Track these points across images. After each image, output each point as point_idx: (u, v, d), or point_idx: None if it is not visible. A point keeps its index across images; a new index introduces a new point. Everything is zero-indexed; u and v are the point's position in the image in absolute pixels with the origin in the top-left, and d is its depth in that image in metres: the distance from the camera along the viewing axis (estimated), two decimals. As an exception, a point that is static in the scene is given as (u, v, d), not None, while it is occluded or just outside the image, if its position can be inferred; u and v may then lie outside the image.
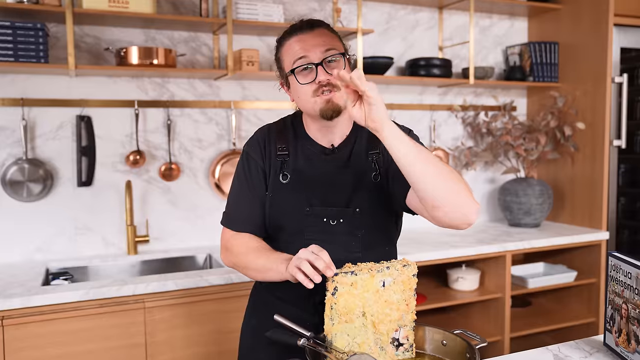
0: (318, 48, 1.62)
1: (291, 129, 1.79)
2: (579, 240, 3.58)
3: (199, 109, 3.28)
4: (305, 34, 1.65)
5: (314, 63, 1.61)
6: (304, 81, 1.63)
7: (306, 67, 1.62)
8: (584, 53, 3.77)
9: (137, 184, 3.17)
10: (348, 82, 1.37)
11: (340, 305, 1.44)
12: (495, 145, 3.90)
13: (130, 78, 3.13)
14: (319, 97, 1.62)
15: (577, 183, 3.87)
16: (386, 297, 1.47)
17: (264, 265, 1.61)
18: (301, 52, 1.63)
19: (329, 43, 1.64)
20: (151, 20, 2.96)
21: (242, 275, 2.62)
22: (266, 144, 1.76)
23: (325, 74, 1.61)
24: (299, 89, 1.65)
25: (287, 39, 1.68)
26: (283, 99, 3.44)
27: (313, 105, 1.64)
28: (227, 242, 1.77)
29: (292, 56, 1.65)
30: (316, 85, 1.61)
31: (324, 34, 1.66)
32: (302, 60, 1.62)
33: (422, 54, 3.84)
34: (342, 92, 1.55)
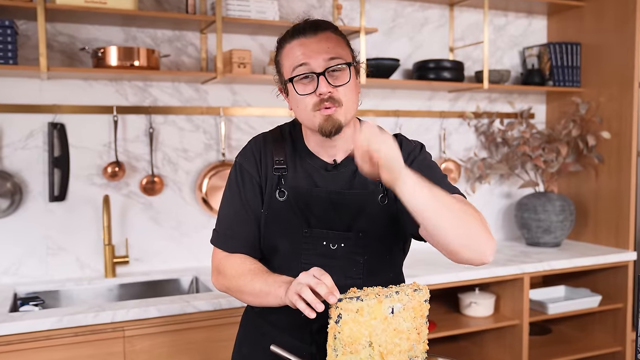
0: (321, 55, 1.61)
1: (289, 140, 1.79)
2: (604, 261, 3.60)
3: (185, 116, 3.30)
4: (308, 38, 1.64)
5: (315, 72, 1.60)
6: (304, 92, 1.62)
7: (307, 75, 1.61)
8: (609, 55, 3.81)
9: (116, 199, 3.18)
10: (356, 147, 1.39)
11: (344, 335, 1.44)
12: (512, 156, 3.93)
13: (108, 81, 3.15)
14: (318, 111, 1.62)
15: (602, 198, 3.89)
16: (395, 325, 1.48)
17: (262, 289, 1.60)
18: (302, 58, 1.61)
19: (334, 50, 1.63)
20: (132, 17, 2.98)
21: (233, 299, 2.64)
22: (262, 155, 1.76)
23: (328, 86, 1.60)
24: (297, 100, 1.64)
25: (288, 42, 1.67)
26: (278, 105, 3.46)
27: (312, 119, 1.63)
28: (219, 264, 1.76)
29: (292, 62, 1.64)
30: (317, 98, 1.61)
31: (329, 38, 1.65)
32: (303, 67, 1.61)
33: (431, 55, 3.87)
34: (342, 110, 1.62)
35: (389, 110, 3.74)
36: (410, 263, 2.26)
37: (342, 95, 1.62)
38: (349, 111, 1.64)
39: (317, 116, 1.62)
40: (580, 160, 3.96)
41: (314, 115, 1.62)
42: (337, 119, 1.61)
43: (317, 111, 1.62)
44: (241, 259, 1.73)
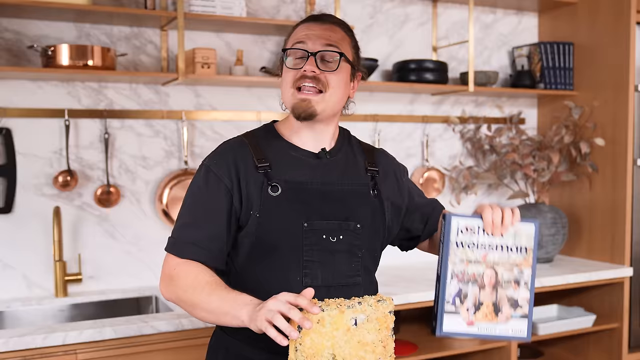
0: (319, 40, 1.82)
1: (266, 139, 1.91)
2: (597, 278, 3.69)
3: (144, 120, 3.35)
4: (315, 24, 1.87)
5: (308, 51, 1.80)
6: (291, 65, 1.83)
7: (301, 56, 1.82)
8: (603, 55, 3.92)
9: (68, 211, 3.22)
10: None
11: (306, 347, 1.52)
12: (500, 164, 4.01)
13: (59, 82, 3.19)
14: (297, 90, 1.81)
15: (596, 210, 3.99)
16: (359, 337, 1.55)
17: (219, 306, 1.67)
18: (302, 37, 1.83)
19: (334, 40, 1.84)
20: (85, 12, 3.01)
21: (196, 320, 2.69)
22: (238, 159, 1.84)
23: (314, 66, 1.79)
24: (284, 75, 1.86)
25: (299, 25, 1.90)
26: (246, 109, 3.52)
27: (289, 98, 1.83)
28: (171, 271, 1.81)
29: (293, 39, 1.86)
30: (299, 75, 1.80)
31: (335, 30, 1.86)
32: (300, 45, 1.82)
33: (413, 55, 3.95)
34: (324, 97, 1.79)
35: (366, 115, 3.82)
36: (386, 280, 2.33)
37: (328, 81, 1.80)
38: (330, 102, 1.82)
39: (294, 95, 1.81)
40: (573, 169, 4.06)
41: (292, 93, 1.82)
42: (312, 106, 1.80)
43: (296, 89, 1.80)
44: (198, 270, 1.77)
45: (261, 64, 3.53)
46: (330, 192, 1.85)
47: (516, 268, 1.72)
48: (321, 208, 1.83)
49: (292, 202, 1.81)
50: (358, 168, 1.94)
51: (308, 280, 1.79)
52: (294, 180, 1.83)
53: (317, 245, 1.80)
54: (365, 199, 1.90)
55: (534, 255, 1.73)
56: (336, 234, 1.83)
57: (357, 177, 1.92)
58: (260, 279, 1.81)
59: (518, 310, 1.72)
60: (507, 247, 1.73)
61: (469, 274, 1.71)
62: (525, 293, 1.73)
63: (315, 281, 1.79)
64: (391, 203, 1.96)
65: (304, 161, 1.88)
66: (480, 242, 1.72)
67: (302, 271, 1.79)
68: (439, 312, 1.70)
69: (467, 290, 1.71)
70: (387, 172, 2.01)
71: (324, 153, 1.90)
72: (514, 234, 1.73)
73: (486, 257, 1.72)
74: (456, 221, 1.72)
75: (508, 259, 1.72)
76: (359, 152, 2.00)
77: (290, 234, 1.80)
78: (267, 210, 1.80)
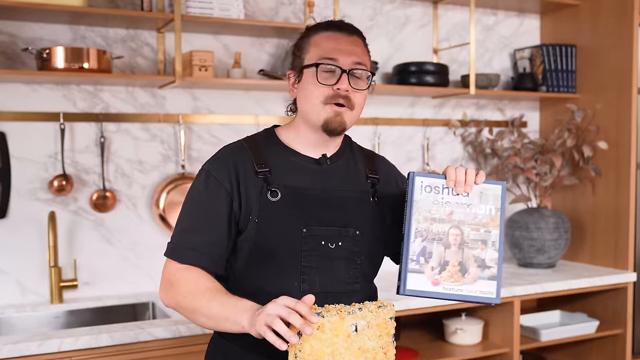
0: (351, 57, 1.83)
1: (266, 144, 1.92)
2: (601, 283, 3.70)
3: (140, 124, 3.35)
4: (342, 35, 1.87)
5: (341, 68, 1.81)
6: (323, 81, 1.82)
7: (331, 70, 1.82)
8: (606, 58, 3.93)
9: (63, 216, 3.22)
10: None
11: (305, 353, 1.52)
12: (502, 168, 4.02)
13: (54, 85, 3.19)
14: (329, 105, 1.81)
15: (600, 214, 4.00)
16: (360, 343, 1.56)
17: (220, 312, 1.68)
18: (333, 52, 1.83)
19: (361, 57, 1.86)
20: (81, 14, 3.02)
21: (194, 326, 2.70)
22: (237, 164, 1.86)
23: (348, 85, 1.81)
24: (310, 89, 1.84)
25: (321, 31, 1.88)
26: (244, 112, 3.52)
27: (318, 112, 1.83)
28: (172, 277, 1.82)
29: (321, 51, 1.84)
30: (333, 92, 1.81)
31: (359, 45, 1.89)
32: (331, 61, 1.82)
33: (413, 57, 3.95)
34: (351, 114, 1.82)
35: (366, 118, 3.82)
36: (386, 286, 2.33)
37: (356, 99, 1.83)
38: (354, 118, 1.86)
39: (325, 109, 1.82)
40: (576, 173, 4.06)
41: (322, 108, 1.82)
42: (344, 120, 1.82)
43: (328, 105, 1.81)
44: (198, 275, 1.79)
45: (259, 66, 3.53)
46: (330, 198, 1.87)
47: (483, 228, 1.74)
48: (320, 214, 1.84)
49: (291, 207, 1.82)
50: (358, 175, 1.96)
51: (306, 286, 1.80)
52: (293, 186, 1.85)
53: (316, 251, 1.82)
54: (365, 205, 1.92)
55: (501, 215, 1.74)
56: (335, 240, 1.84)
57: (357, 184, 1.94)
58: (259, 284, 1.82)
59: (486, 271, 1.73)
60: (473, 207, 1.75)
61: (434, 232, 1.72)
62: (492, 253, 1.74)
63: (314, 287, 1.80)
64: (391, 210, 1.97)
65: (304, 167, 1.89)
66: (445, 201, 1.74)
67: (300, 277, 1.80)
68: (402, 270, 1.71)
69: (432, 248, 1.72)
70: (387, 180, 2.03)
71: (324, 159, 1.91)
72: (480, 194, 1.75)
73: (451, 215, 1.73)
74: (420, 179, 1.75)
75: (474, 219, 1.74)
76: (360, 158, 2.01)
77: (288, 239, 1.81)
78: (266, 216, 1.81)
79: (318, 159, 1.91)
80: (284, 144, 1.92)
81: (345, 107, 1.82)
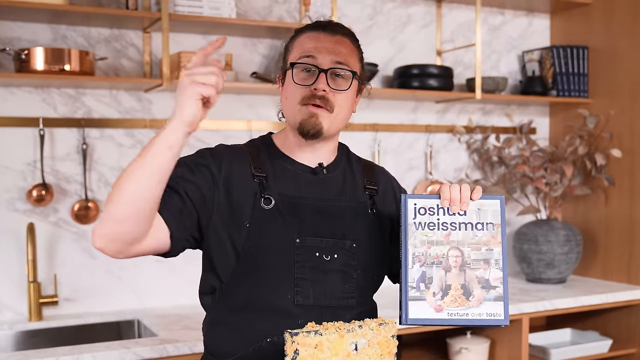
0: (330, 55, 1.84)
1: (264, 150, 1.94)
2: (614, 300, 3.70)
3: (125, 130, 3.35)
4: (324, 34, 1.88)
5: (319, 67, 1.82)
6: (299, 81, 1.83)
7: (309, 69, 1.84)
8: (620, 60, 3.95)
9: (43, 228, 3.21)
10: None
11: (303, 372, 1.52)
12: (509, 177, 4.02)
13: (33, 88, 3.19)
14: (305, 106, 1.82)
15: (613, 226, 4.00)
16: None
17: (142, 155, 1.60)
18: (312, 50, 1.85)
19: (344, 56, 1.86)
20: (61, 12, 3.02)
21: (181, 345, 2.69)
22: (233, 161, 1.87)
23: (326, 85, 1.82)
24: (289, 89, 1.86)
25: (305, 32, 1.91)
26: (235, 117, 3.52)
27: (295, 113, 1.84)
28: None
29: (300, 50, 1.87)
30: (309, 92, 1.82)
31: (344, 44, 1.89)
32: (309, 59, 1.84)
33: (416, 59, 3.96)
34: (330, 116, 1.80)
35: (366, 124, 3.82)
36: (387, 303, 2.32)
37: (336, 101, 1.83)
38: (335, 121, 1.85)
39: (301, 111, 1.82)
40: (588, 183, 4.07)
41: (299, 109, 1.83)
42: (319, 122, 1.82)
43: (304, 106, 1.81)
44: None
45: (252, 68, 3.54)
46: (326, 208, 1.88)
47: (484, 246, 1.73)
48: (315, 225, 1.85)
49: (284, 216, 1.83)
50: (356, 185, 1.97)
51: (299, 298, 1.81)
52: (288, 194, 1.86)
53: (309, 263, 1.82)
54: (362, 217, 1.93)
55: (502, 231, 1.74)
56: (330, 252, 1.85)
57: (354, 195, 1.95)
58: (249, 296, 1.83)
59: (492, 292, 1.72)
60: (471, 225, 1.74)
61: (432, 255, 1.72)
62: (497, 273, 1.72)
63: (307, 300, 1.82)
64: (389, 224, 1.97)
65: (300, 176, 1.90)
66: (441, 222, 1.73)
67: (293, 289, 1.81)
68: (403, 299, 1.71)
69: (432, 273, 1.71)
70: (386, 192, 2.03)
71: (320, 168, 1.92)
72: (478, 211, 1.74)
73: (449, 236, 1.73)
74: (412, 202, 1.74)
75: (474, 237, 1.73)
76: (358, 169, 2.02)
77: (281, 249, 1.82)
78: (258, 223, 1.82)
79: (314, 168, 1.92)
80: (280, 151, 1.94)
81: (323, 109, 1.82)
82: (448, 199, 1.73)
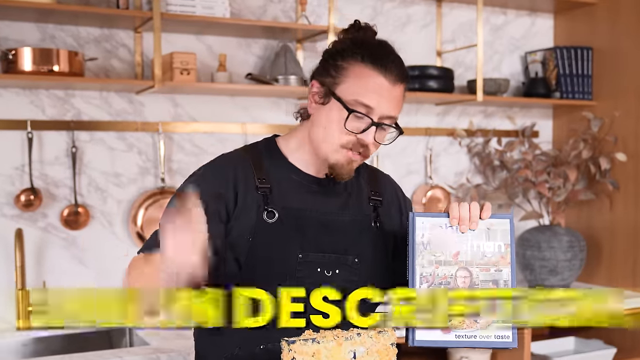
0: (389, 111, 1.80)
1: (267, 156, 1.93)
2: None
3: (116, 133, 3.35)
4: (387, 81, 1.80)
5: (373, 121, 1.79)
6: (351, 129, 1.79)
7: (362, 116, 1.79)
8: (625, 62, 3.95)
9: (31, 234, 3.20)
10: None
11: (300, 381, 1.52)
12: (511, 182, 4.02)
13: (21, 90, 3.18)
14: (346, 150, 1.81)
15: (618, 232, 4.00)
16: (358, 371, 1.56)
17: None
18: (372, 101, 1.78)
19: (397, 111, 1.84)
20: (49, 11, 3.02)
21: (175, 355, 2.68)
22: (238, 176, 1.85)
23: (373, 139, 1.81)
24: (333, 127, 1.82)
25: (367, 62, 1.81)
26: (229, 120, 3.52)
27: (332, 152, 1.83)
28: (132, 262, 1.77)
29: (360, 92, 1.79)
30: (355, 140, 1.80)
31: (401, 96, 1.85)
32: (366, 110, 1.79)
33: (415, 60, 3.95)
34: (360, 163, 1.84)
35: (363, 127, 3.81)
36: (386, 310, 2.33)
37: (372, 151, 1.85)
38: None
39: (341, 153, 1.82)
40: (592, 188, 4.07)
41: (338, 150, 1.82)
42: (353, 168, 1.85)
43: (345, 149, 1.81)
44: None
45: (246, 70, 3.54)
46: (329, 222, 1.88)
47: (493, 267, 1.72)
48: (318, 239, 1.85)
49: (287, 230, 1.83)
50: (361, 197, 1.97)
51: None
52: (292, 207, 1.85)
53: (310, 279, 1.82)
54: (366, 231, 1.92)
55: (511, 251, 1.72)
56: (332, 267, 1.85)
57: (359, 207, 1.94)
58: None
59: None
60: (480, 245, 1.73)
61: (440, 276, 1.71)
62: None
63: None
64: (394, 238, 1.97)
65: (305, 186, 1.90)
66: (449, 241, 1.73)
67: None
68: None
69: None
70: (391, 202, 2.03)
71: (327, 180, 1.91)
72: (487, 230, 1.73)
73: (457, 256, 1.72)
74: (421, 220, 1.73)
75: (482, 258, 1.72)
76: (363, 176, 2.01)
77: (282, 264, 1.81)
78: (260, 237, 1.82)
79: (321, 179, 1.92)
80: (286, 158, 1.93)
81: (360, 156, 1.83)
82: (457, 217, 1.72)
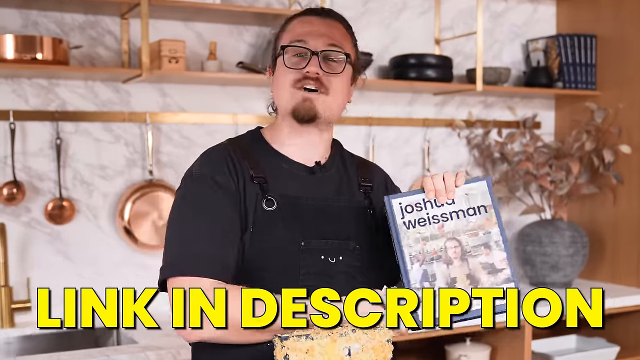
0: (322, 38, 1.88)
1: (256, 147, 1.95)
2: (622, 305, 3.72)
3: (102, 124, 3.35)
4: (316, 18, 1.93)
5: (311, 50, 1.85)
6: (291, 65, 1.86)
7: (300, 54, 1.87)
8: (630, 50, 3.96)
9: (14, 228, 3.21)
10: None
11: (294, 379, 1.54)
12: (512, 175, 4.04)
13: (2, 79, 3.18)
14: (298, 89, 1.85)
15: (621, 227, 4.03)
16: (354, 369, 1.57)
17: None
18: (303, 35, 1.89)
19: (338, 39, 1.90)
20: (32, -4, 3.03)
21: (163, 353, 2.69)
22: (235, 163, 1.87)
23: (318, 67, 1.84)
24: (280, 74, 1.89)
25: (295, 18, 1.96)
26: (219, 110, 3.53)
27: (288, 98, 1.87)
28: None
29: (291, 35, 1.91)
30: (301, 76, 1.85)
31: (337, 28, 1.93)
32: (300, 43, 1.87)
33: (413, 49, 3.95)
34: (325, 100, 1.83)
35: (359, 118, 3.83)
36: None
37: (330, 84, 1.86)
38: (331, 106, 1.88)
39: (294, 95, 1.86)
40: (596, 181, 4.09)
41: (292, 93, 1.86)
42: (314, 106, 1.85)
43: (297, 89, 1.84)
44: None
45: (238, 58, 3.54)
46: (327, 209, 1.90)
47: (481, 231, 1.75)
48: (319, 226, 1.87)
49: (287, 218, 1.84)
50: (351, 185, 1.99)
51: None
52: (289, 195, 1.87)
53: (315, 267, 1.83)
54: (362, 217, 1.95)
55: (495, 211, 1.76)
56: (335, 254, 1.86)
57: (351, 195, 1.97)
58: None
59: (499, 275, 1.73)
60: (462, 212, 1.76)
61: (430, 252, 1.73)
62: (500, 254, 1.74)
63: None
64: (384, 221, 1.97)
65: (296, 175, 1.92)
66: (431, 216, 1.75)
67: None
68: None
69: (434, 269, 1.72)
70: (381, 190, 2.05)
71: (318, 167, 1.94)
72: (466, 196, 1.76)
73: (442, 228, 1.75)
74: (397, 201, 1.77)
75: (468, 224, 1.75)
76: (352, 166, 2.04)
77: (285, 254, 1.82)
78: (260, 227, 1.83)
79: (311, 167, 1.94)
80: (273, 148, 1.95)
81: (318, 92, 1.85)
82: (432, 190, 1.76)
